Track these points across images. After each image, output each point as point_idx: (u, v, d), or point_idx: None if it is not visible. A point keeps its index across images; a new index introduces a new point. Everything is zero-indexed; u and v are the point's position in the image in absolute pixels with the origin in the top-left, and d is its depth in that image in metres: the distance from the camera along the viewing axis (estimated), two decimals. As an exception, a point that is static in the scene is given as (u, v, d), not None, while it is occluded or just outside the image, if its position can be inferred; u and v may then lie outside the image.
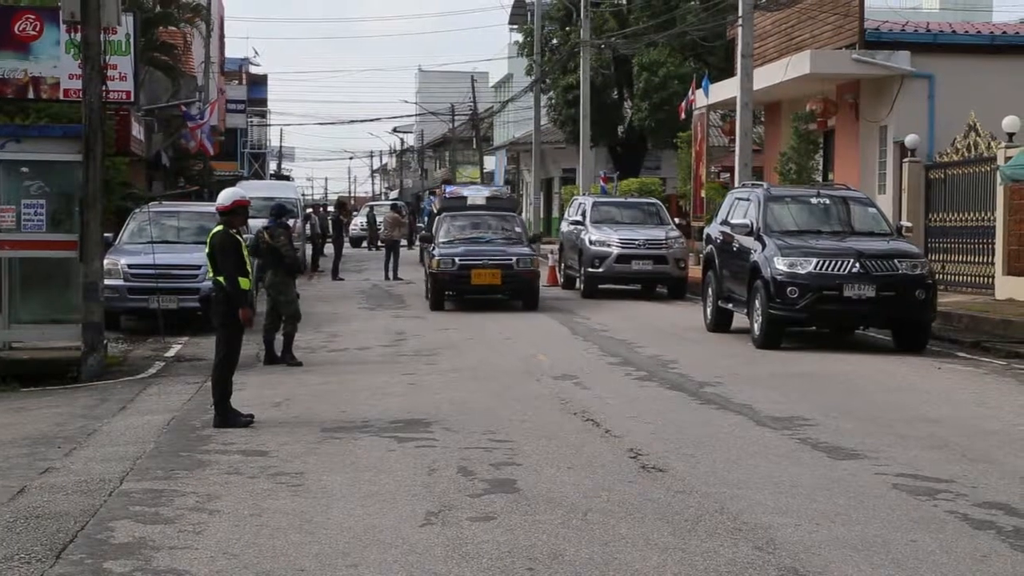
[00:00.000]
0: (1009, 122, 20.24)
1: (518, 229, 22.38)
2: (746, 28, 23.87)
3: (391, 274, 29.00)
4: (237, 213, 10.54)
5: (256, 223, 16.97)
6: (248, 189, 25.70)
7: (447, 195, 24.38)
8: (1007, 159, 18.70)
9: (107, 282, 15.25)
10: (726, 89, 27.84)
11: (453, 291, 21.10)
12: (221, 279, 10.27)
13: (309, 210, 38.29)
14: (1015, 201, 19.58)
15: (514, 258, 20.61)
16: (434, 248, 21.32)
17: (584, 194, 31.45)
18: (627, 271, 23.63)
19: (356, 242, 49.09)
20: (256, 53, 75.47)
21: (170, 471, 8.33)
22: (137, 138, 26.10)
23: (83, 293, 13.63)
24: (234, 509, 7.25)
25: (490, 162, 67.43)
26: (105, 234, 14.84)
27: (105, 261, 14.97)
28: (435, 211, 24.35)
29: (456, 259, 20.54)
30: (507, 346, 15.87)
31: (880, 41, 24.55)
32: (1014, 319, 16.47)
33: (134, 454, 8.94)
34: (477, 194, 24.19)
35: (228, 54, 54.83)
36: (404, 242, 47.59)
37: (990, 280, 20.19)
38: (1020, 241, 19.54)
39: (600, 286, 23.84)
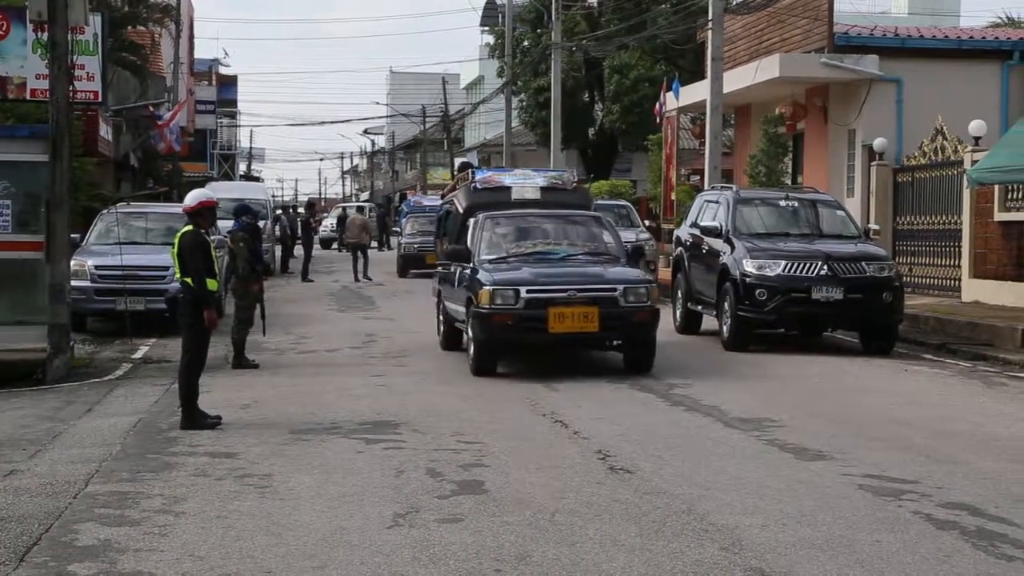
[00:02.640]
0: (975, 126, 20.40)
1: (607, 238, 14.22)
2: (716, 31, 23.96)
3: (360, 275, 29.14)
4: (203, 214, 10.50)
5: (226, 224, 16.93)
6: (217, 190, 25.56)
7: (477, 185, 15.19)
8: (973, 163, 18.85)
9: (74, 283, 15.17)
10: (696, 92, 27.94)
11: (514, 341, 12.94)
12: (189, 280, 10.22)
13: (279, 211, 38.20)
14: (981, 204, 19.74)
15: (618, 287, 12.69)
16: (476, 271, 13.17)
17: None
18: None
19: (326, 243, 48.97)
20: (226, 54, 75.52)
21: (136, 473, 8.28)
22: (105, 139, 25.94)
23: (49, 294, 13.53)
24: (200, 511, 7.21)
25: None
26: (72, 235, 14.76)
27: (72, 262, 14.89)
28: (459, 210, 15.12)
29: (521, 290, 12.56)
30: (477, 348, 15.83)
31: (849, 45, 24.70)
32: (980, 321, 16.60)
33: (100, 456, 8.88)
34: (526, 183, 15.40)
35: (198, 55, 54.56)
36: (375, 244, 47.43)
37: (956, 283, 20.34)
38: (986, 244, 19.71)
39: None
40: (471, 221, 14.32)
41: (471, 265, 13.39)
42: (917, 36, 25.47)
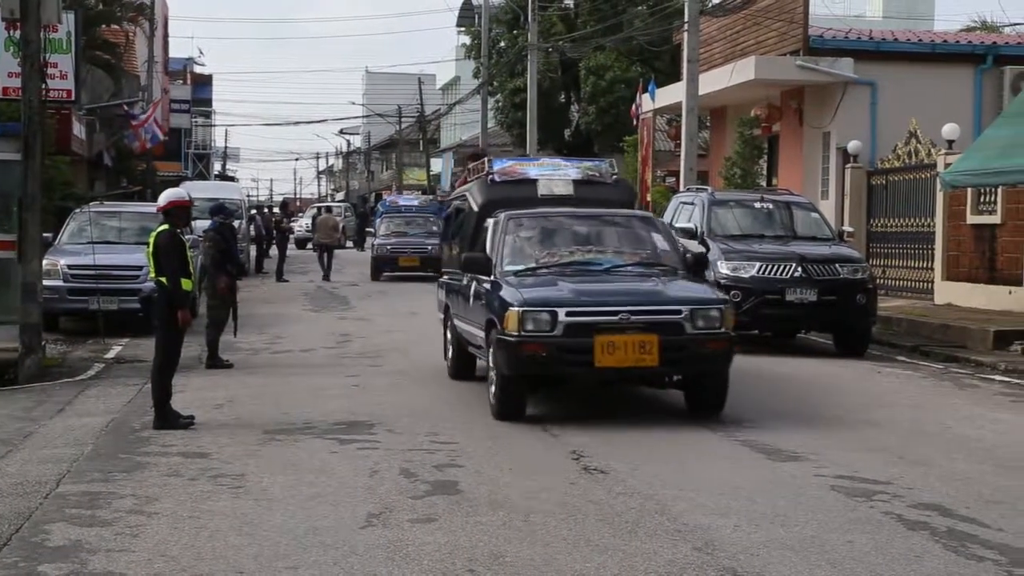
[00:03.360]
0: (949, 129, 20.53)
1: (661, 244, 11.44)
2: (692, 33, 24.02)
3: (324, 274, 29.41)
4: (175, 213, 10.46)
5: (202, 224, 16.87)
6: (192, 190, 25.48)
7: (495, 177, 12.38)
8: (947, 166, 18.96)
9: (46, 283, 15.07)
10: (672, 94, 28.00)
11: (549, 377, 10.39)
12: (163, 279, 10.17)
13: (254, 211, 38.08)
14: (954, 207, 19.86)
15: (683, 308, 9.97)
16: (499, 285, 10.51)
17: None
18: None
19: (302, 244, 48.85)
20: (201, 53, 75.29)
21: (108, 473, 8.24)
22: (78, 137, 25.80)
23: (21, 294, 13.44)
24: (173, 511, 7.17)
25: (437, 164, 67.34)
26: (44, 234, 14.66)
27: (44, 261, 14.79)
28: (473, 208, 12.33)
29: (559, 312, 9.83)
30: (452, 348, 15.80)
31: (824, 48, 24.82)
32: (952, 324, 16.70)
33: (71, 456, 8.83)
34: (555, 175, 12.43)
35: (172, 54, 54.37)
36: (350, 244, 47.28)
37: (929, 285, 20.46)
38: (959, 247, 19.83)
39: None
40: (489, 222, 11.61)
41: (492, 278, 10.66)
42: (892, 40, 25.62)
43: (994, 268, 18.91)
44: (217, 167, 79.88)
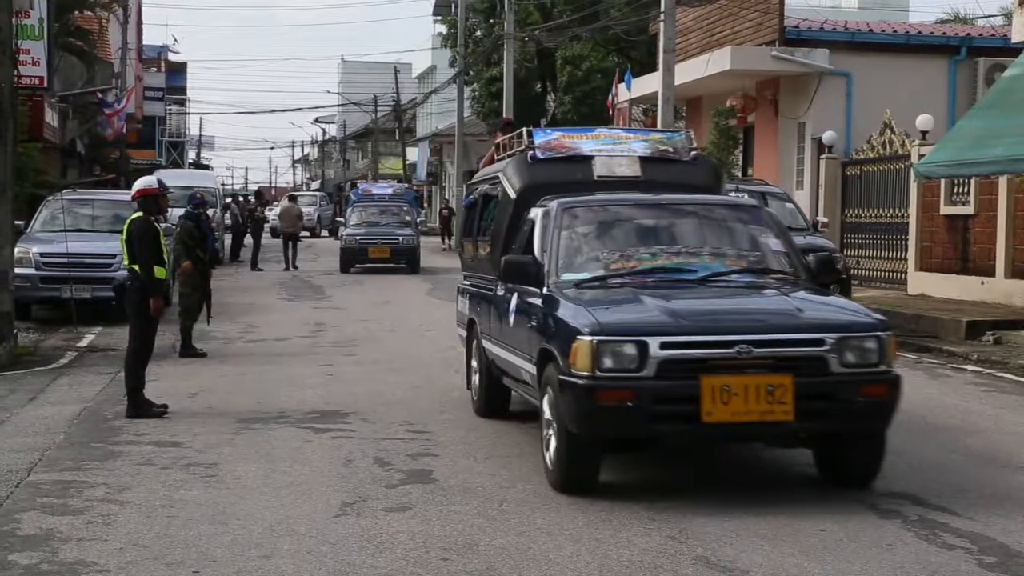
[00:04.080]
0: (923, 120, 20.62)
1: (773, 244, 8.58)
2: (668, 23, 24.04)
3: (289, 264, 29.29)
4: (145, 201, 10.42)
5: (176, 212, 16.79)
6: (166, 178, 25.37)
7: (536, 153, 9.48)
8: (920, 157, 19.05)
9: (18, 271, 14.98)
10: (648, 83, 28.02)
11: (638, 437, 7.26)
12: (136, 267, 10.12)
13: (229, 200, 37.94)
14: (928, 198, 19.96)
15: (827, 336, 7.08)
16: (556, 301, 7.75)
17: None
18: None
19: (276, 232, 48.71)
20: (175, 40, 74.92)
21: (80, 462, 8.20)
22: (51, 124, 25.64)
23: (-7, 281, 13.33)
24: (145, 500, 7.15)
25: (413, 153, 67.23)
26: (16, 222, 14.56)
27: (16, 249, 14.70)
28: (507, 194, 9.49)
29: (651, 342, 6.93)
30: (427, 337, 15.83)
31: (799, 39, 24.89)
32: (925, 314, 16.80)
33: (43, 445, 8.78)
34: (616, 151, 9.52)
35: (146, 41, 54.02)
36: (325, 232, 47.17)
37: (903, 276, 20.56)
38: (932, 237, 19.94)
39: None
40: (533, 213, 8.77)
41: (544, 291, 7.91)
42: (867, 31, 25.71)
43: (967, 259, 19.03)
44: (192, 155, 79.49)
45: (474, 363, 10.11)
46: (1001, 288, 17.89)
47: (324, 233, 50.71)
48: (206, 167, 75.09)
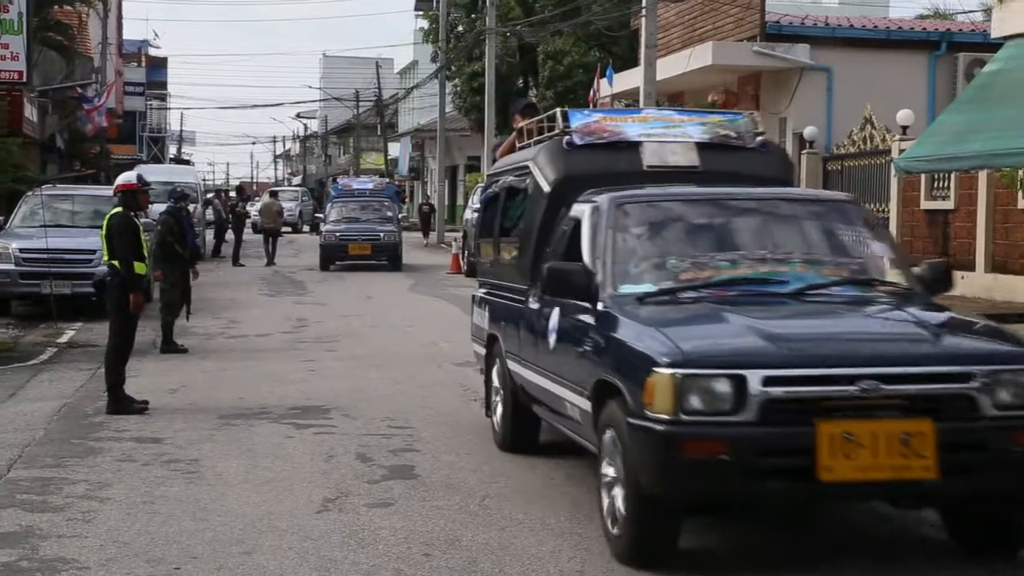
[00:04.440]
0: (903, 115, 20.70)
1: (877, 247, 7.06)
2: (650, 19, 24.04)
3: (269, 259, 29.24)
4: (126, 196, 10.39)
5: (157, 207, 16.72)
6: (146, 173, 25.17)
7: (574, 139, 7.87)
8: (901, 152, 19.11)
9: (-3, 266, 14.88)
10: (630, 79, 28.02)
11: (731, 500, 5.72)
12: (116, 263, 10.08)
13: (210, 195, 37.82)
14: (908, 193, 20.04)
15: (975, 370, 5.51)
16: (615, 319, 6.23)
17: (488, 182, 31.48)
18: (531, 259, 23.56)
19: (257, 228, 48.58)
20: (156, 35, 74.49)
21: (60, 459, 8.15)
22: (30, 119, 25.50)
23: (-28, 277, 13.26)
24: (126, 497, 7.12)
25: (394, 148, 67.14)
26: (-4, 217, 14.48)
27: (-5, 245, 14.59)
28: (539, 186, 7.90)
29: (750, 377, 5.41)
30: (409, 333, 15.81)
31: (780, 34, 24.92)
32: (906, 308, 16.85)
33: (23, 441, 8.73)
34: (668, 136, 7.96)
35: (127, 36, 53.78)
36: (307, 228, 47.07)
37: (884, 270, 20.62)
38: (912, 232, 20.01)
39: (503, 274, 23.77)
40: (579, 211, 7.26)
41: (598, 306, 6.43)
42: (847, 26, 25.77)
43: (947, 253, 19.09)
44: (172, 150, 79.20)
45: (496, 387, 8.55)
46: (981, 283, 17.97)
47: (305, 229, 50.61)
48: (187, 162, 74.83)
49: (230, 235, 32.16)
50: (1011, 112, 16.18)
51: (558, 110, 8.16)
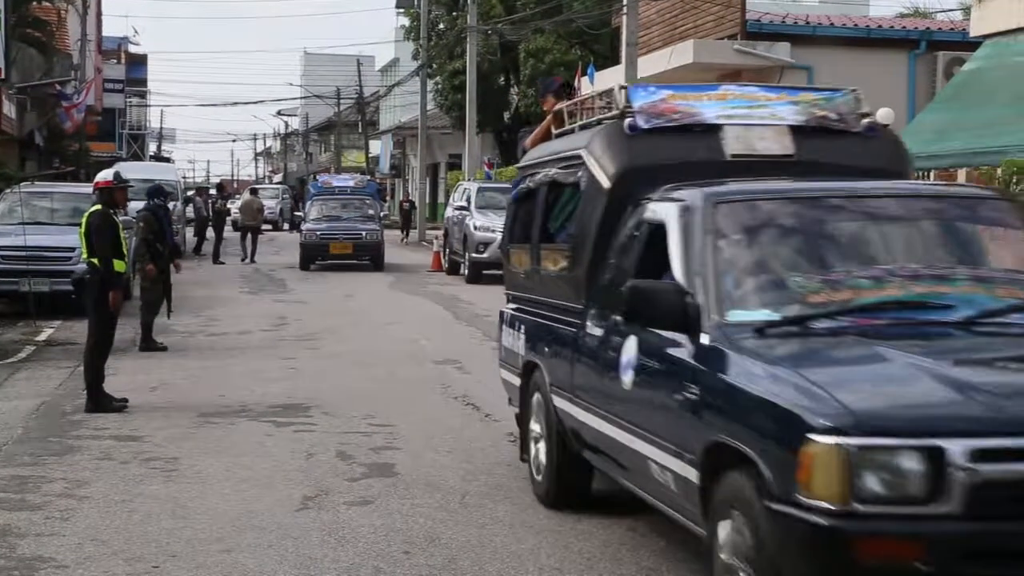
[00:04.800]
0: (883, 114, 20.50)
1: None
2: (631, 17, 24.07)
3: (250, 257, 29.12)
4: (103, 194, 10.37)
5: (137, 205, 16.65)
6: (126, 171, 25.01)
7: (638, 122, 6.32)
8: (881, 150, 19.16)
9: (-24, 264, 14.80)
10: (612, 77, 27.96)
11: None
12: (95, 260, 10.04)
13: (191, 192, 37.71)
14: (888, 191, 20.09)
15: None
16: (729, 365, 4.70)
17: (470, 180, 31.49)
18: (512, 257, 23.60)
19: (237, 225, 48.47)
20: (136, 32, 74.12)
21: (38, 457, 8.11)
22: (9, 117, 25.38)
23: (-51, 275, 13.18)
24: (104, 495, 7.08)
25: (376, 146, 67.03)
26: (-27, 214, 14.39)
27: (-27, 242, 14.51)
28: (595, 182, 6.36)
29: (955, 450, 3.90)
30: (389, 331, 15.79)
31: (761, 32, 24.97)
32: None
33: (0, 440, 8.68)
34: (755, 117, 6.43)
35: (106, 32, 53.57)
36: (287, 226, 46.94)
37: (864, 268, 20.69)
38: (892, 230, 20.07)
39: (484, 271, 23.85)
40: (657, 211, 5.84)
41: (702, 339, 4.98)
42: (828, 24, 25.84)
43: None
44: (152, 148, 78.92)
45: (535, 427, 7.07)
46: (960, 280, 18.05)
47: (286, 227, 50.51)
48: (167, 160, 74.60)
49: (210, 233, 32.05)
50: (989, 111, 16.30)
51: (617, 85, 6.69)
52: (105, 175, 10.67)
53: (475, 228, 23.80)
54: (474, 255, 23.66)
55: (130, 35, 63.00)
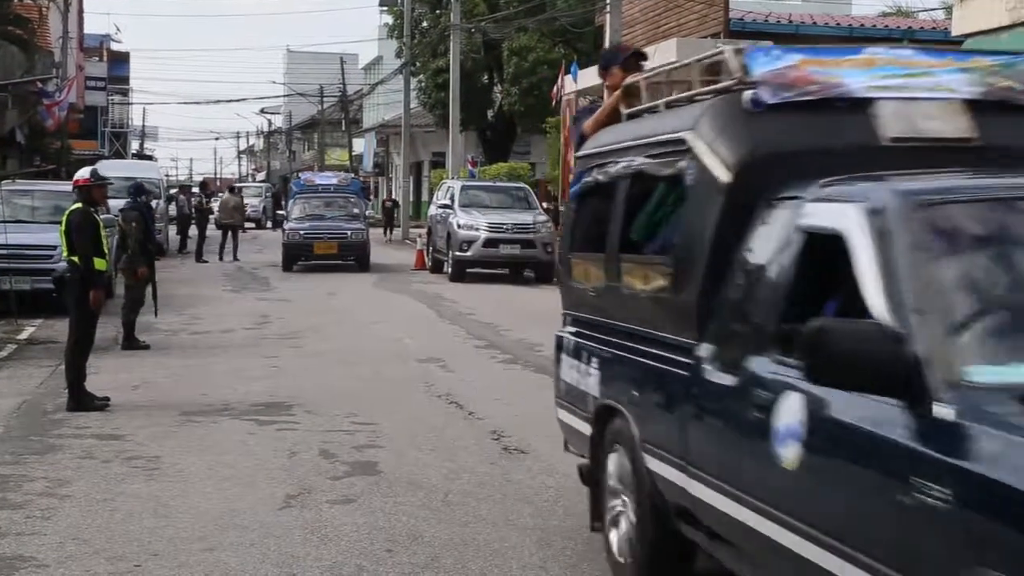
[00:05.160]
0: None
1: None
2: (615, 15, 24.11)
3: (231, 255, 29.04)
4: (82, 192, 10.36)
5: (117, 203, 16.59)
6: (108, 169, 24.87)
7: (762, 96, 4.73)
8: (863, 148, 19.22)
9: (-44, 262, 14.73)
10: (594, 75, 27.87)
11: None
12: (76, 259, 10.00)
13: (174, 190, 37.61)
14: (870, 189, 20.14)
15: None
16: None
17: (453, 178, 31.47)
18: (495, 255, 23.71)
19: (218, 224, 48.35)
20: (118, 30, 73.73)
21: (19, 456, 8.08)
22: (-10, 114, 25.22)
23: (-70, 273, 13.11)
24: (86, 494, 7.06)
25: (359, 144, 66.94)
26: (-46, 212, 14.32)
27: (-46, 240, 14.43)
28: (714, 176, 4.71)
29: None
30: (373, 330, 15.77)
31: (744, 31, 25.00)
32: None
33: (-18, 439, 8.65)
34: (915, 87, 4.81)
35: (88, 30, 53.31)
36: (270, 224, 46.82)
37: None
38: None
39: (468, 270, 23.87)
40: (824, 217, 4.15)
41: (934, 410, 3.28)
42: (811, 23, 25.92)
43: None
44: (135, 146, 78.64)
45: (617, 498, 5.51)
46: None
47: (269, 225, 50.42)
48: (149, 158, 74.29)
49: (193, 231, 31.97)
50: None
51: (728, 49, 5.10)
52: (83, 173, 10.64)
53: (459, 226, 23.80)
54: (458, 253, 23.65)
55: (112, 33, 62.74)
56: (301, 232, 26.41)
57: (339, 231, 26.62)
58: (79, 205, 10.21)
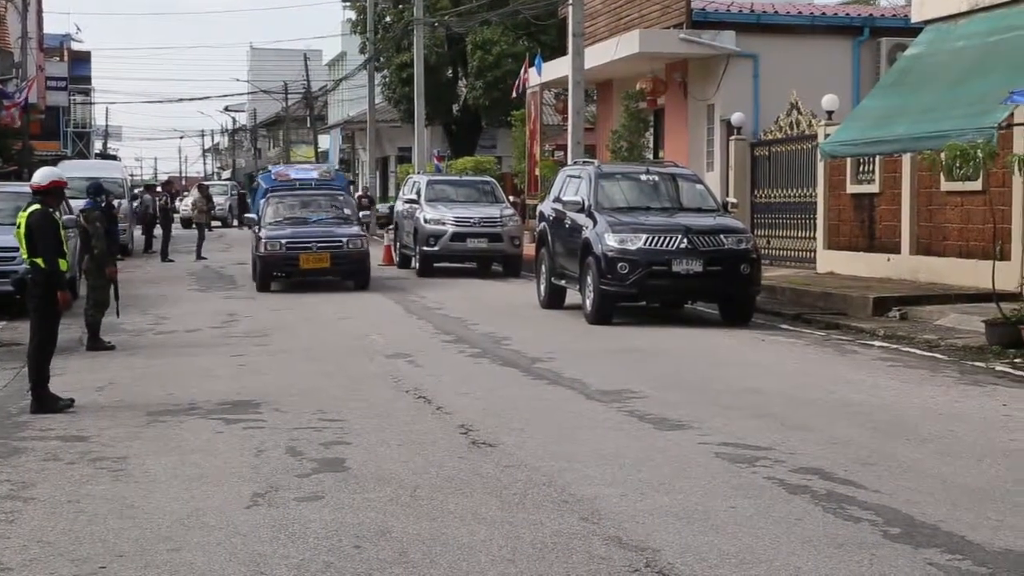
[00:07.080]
0: (828, 100, 20.93)
1: None
2: (577, 7, 24.09)
3: (194, 255, 28.97)
4: (53, 193, 10.25)
5: (78, 203, 16.45)
6: (70, 169, 24.79)
7: None
8: (826, 136, 19.33)
9: (-83, 266, 14.56)
10: (559, 68, 28.06)
11: None
12: (38, 261, 9.90)
13: (138, 190, 37.33)
14: (834, 177, 20.27)
15: None
16: None
17: (419, 172, 31.40)
18: (462, 249, 23.66)
19: (188, 223, 48.04)
20: (78, 29, 73.07)
21: (-17, 460, 8.00)
22: (-50, 115, 24.95)
23: None
24: (50, 496, 7.00)
25: (324, 141, 66.68)
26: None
27: (-86, 244, 14.27)
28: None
29: None
30: (340, 326, 15.72)
31: (706, 21, 25.07)
32: (833, 291, 17.06)
33: (-56, 443, 8.56)
34: None
35: (48, 29, 52.85)
36: (236, 223, 46.53)
37: (812, 254, 20.87)
38: (839, 216, 20.25)
39: (435, 264, 23.83)
40: None
41: None
42: (772, 12, 25.99)
43: (873, 236, 19.36)
44: (98, 146, 78.01)
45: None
46: (907, 264, 18.24)
47: (235, 223, 50.17)
48: (113, 157, 73.69)
49: (158, 230, 31.76)
50: (931, 96, 16.45)
51: None
52: (56, 174, 10.58)
53: (425, 221, 23.74)
54: (425, 248, 23.60)
55: (73, 32, 62.19)
56: (282, 241, 20.52)
57: (332, 239, 20.72)
58: (37, 206, 10.10)
